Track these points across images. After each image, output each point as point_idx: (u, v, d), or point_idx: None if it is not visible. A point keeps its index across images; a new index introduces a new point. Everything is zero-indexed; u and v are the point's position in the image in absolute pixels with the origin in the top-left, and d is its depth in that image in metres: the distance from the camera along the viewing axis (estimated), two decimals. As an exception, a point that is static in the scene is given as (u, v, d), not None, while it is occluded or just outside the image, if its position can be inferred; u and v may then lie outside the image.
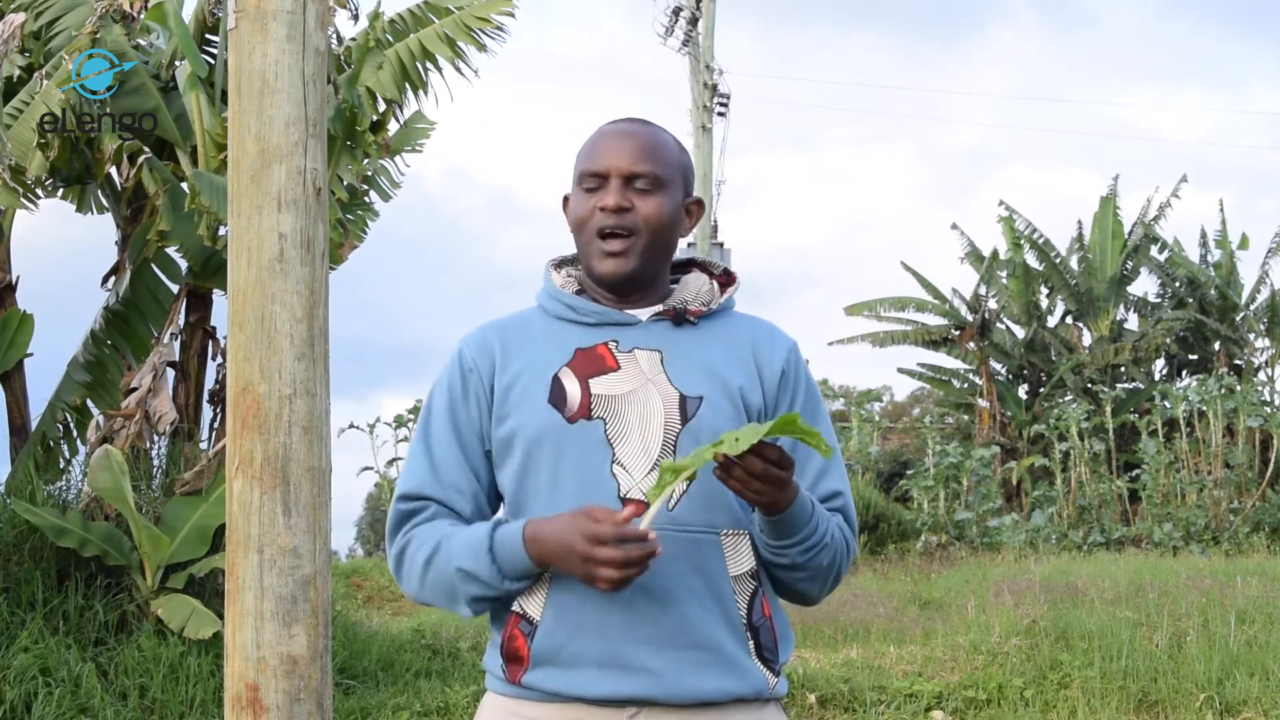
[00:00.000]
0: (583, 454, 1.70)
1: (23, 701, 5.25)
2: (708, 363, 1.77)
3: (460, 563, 1.69)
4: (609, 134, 1.81)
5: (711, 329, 1.81)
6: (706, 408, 1.72)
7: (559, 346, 1.77)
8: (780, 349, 1.83)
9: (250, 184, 2.00)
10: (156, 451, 6.80)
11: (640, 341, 1.77)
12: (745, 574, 1.72)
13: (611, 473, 1.69)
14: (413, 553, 1.76)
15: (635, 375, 1.74)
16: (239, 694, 1.97)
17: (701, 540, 1.69)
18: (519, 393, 1.75)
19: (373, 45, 6.65)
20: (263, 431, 1.97)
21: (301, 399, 2.00)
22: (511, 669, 1.71)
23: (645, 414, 1.71)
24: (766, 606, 1.75)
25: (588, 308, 1.79)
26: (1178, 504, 13.94)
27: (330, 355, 2.08)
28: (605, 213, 1.76)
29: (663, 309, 1.80)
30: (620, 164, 1.76)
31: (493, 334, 1.82)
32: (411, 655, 6.85)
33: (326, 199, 2.08)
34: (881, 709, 5.92)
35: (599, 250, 1.77)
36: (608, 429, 1.71)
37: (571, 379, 1.74)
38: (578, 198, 1.80)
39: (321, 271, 2.06)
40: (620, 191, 1.75)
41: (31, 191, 6.85)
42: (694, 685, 1.66)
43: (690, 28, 18.94)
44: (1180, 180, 21.49)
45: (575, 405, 1.72)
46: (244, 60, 2.04)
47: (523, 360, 1.77)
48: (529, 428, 1.72)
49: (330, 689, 2.04)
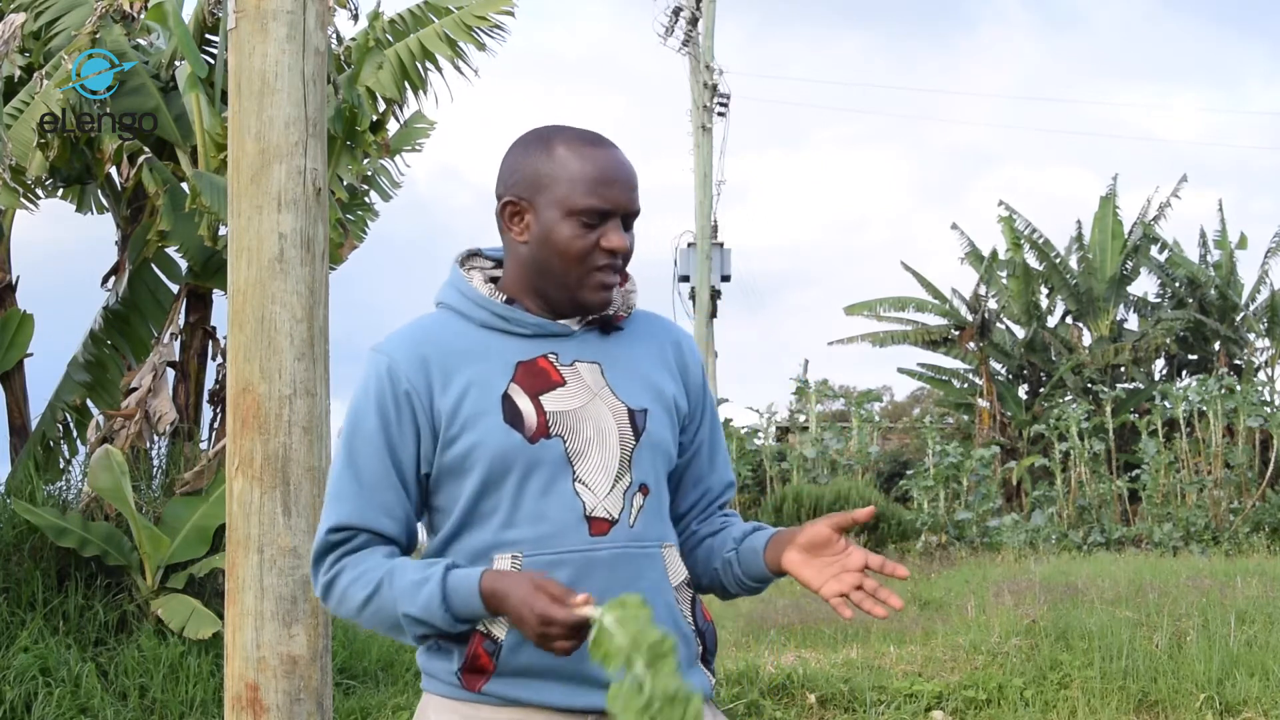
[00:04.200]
0: (545, 474, 1.69)
1: (23, 701, 5.25)
2: (643, 372, 1.79)
3: (408, 609, 1.65)
4: (607, 167, 1.72)
5: (632, 333, 1.83)
6: (652, 421, 1.76)
7: (498, 361, 1.73)
8: (694, 351, 1.89)
9: (250, 184, 2.00)
10: (156, 451, 6.80)
11: (579, 354, 1.76)
12: (683, 582, 1.78)
13: (575, 491, 1.69)
14: (345, 587, 1.70)
15: (581, 390, 1.73)
16: (239, 694, 1.97)
17: (653, 554, 1.74)
18: (469, 413, 1.70)
19: (373, 45, 6.65)
20: (263, 431, 1.97)
21: (301, 399, 2.00)
22: (470, 679, 1.69)
23: (601, 430, 1.72)
24: (707, 612, 1.81)
25: (524, 319, 1.75)
26: (1178, 504, 13.93)
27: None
28: (610, 254, 1.72)
29: (591, 318, 1.78)
30: (626, 205, 1.73)
31: (425, 348, 1.74)
32: (411, 655, 6.84)
33: (326, 199, 2.08)
34: (881, 709, 5.92)
35: (595, 282, 1.72)
36: (567, 447, 1.70)
37: (522, 396, 1.71)
38: (568, 227, 1.70)
39: (321, 271, 2.05)
40: (622, 233, 1.73)
41: (31, 191, 6.85)
42: None
43: (690, 28, 18.94)
44: (1180, 180, 21.52)
45: (533, 425, 1.69)
46: (244, 60, 2.04)
47: (464, 377, 1.72)
48: (489, 449, 1.68)
49: (330, 689, 2.04)
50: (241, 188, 2.03)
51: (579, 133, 1.76)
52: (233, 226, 2.03)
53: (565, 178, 1.71)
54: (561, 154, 1.73)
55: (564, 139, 1.74)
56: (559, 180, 1.72)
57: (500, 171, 1.80)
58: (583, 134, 1.76)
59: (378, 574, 1.68)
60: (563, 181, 1.71)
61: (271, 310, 1.99)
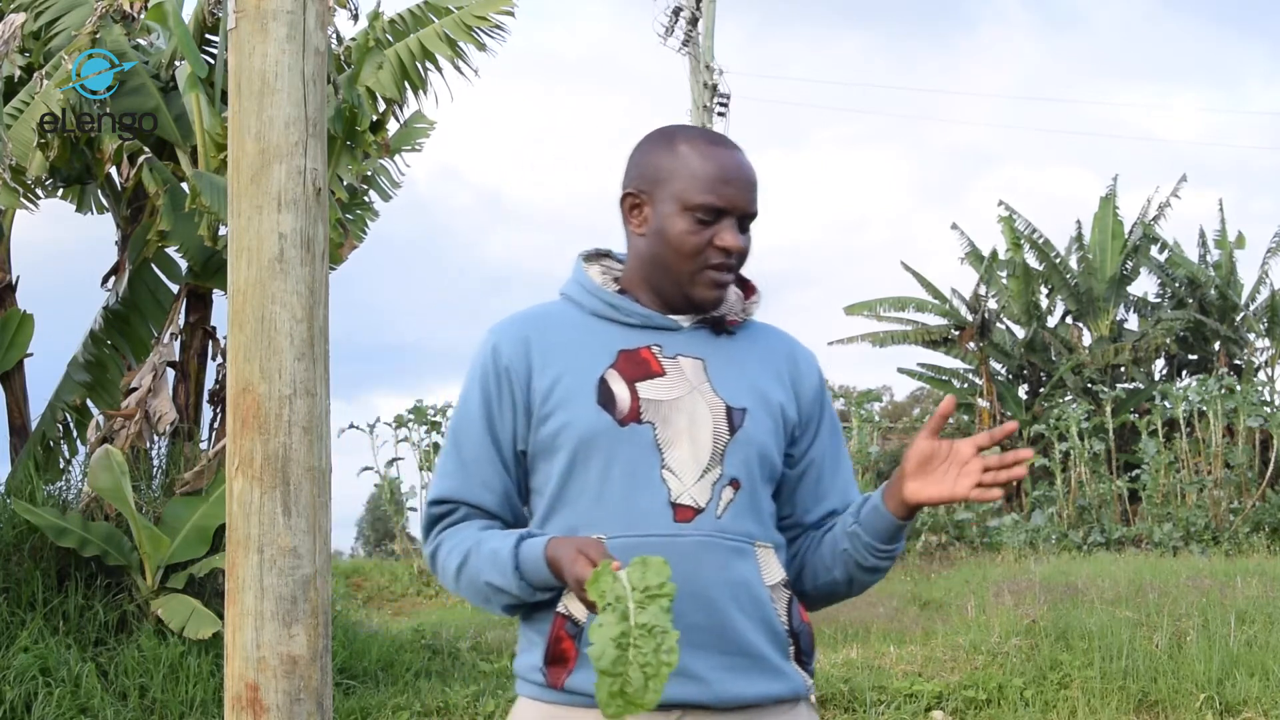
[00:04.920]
0: (633, 458, 1.71)
1: (23, 701, 5.25)
2: (749, 375, 1.79)
3: (489, 577, 1.71)
4: (729, 167, 1.76)
5: (746, 339, 1.84)
6: (751, 421, 1.75)
7: (601, 347, 1.76)
8: (814, 365, 1.88)
9: (250, 184, 2.00)
10: (156, 451, 6.81)
11: (683, 348, 1.78)
12: (779, 583, 1.76)
13: (662, 477, 1.70)
14: (444, 559, 1.78)
15: (681, 382, 1.75)
16: (239, 694, 1.97)
17: (742, 550, 1.72)
18: (563, 394, 1.74)
19: (373, 45, 6.65)
20: (263, 431, 1.97)
21: (301, 399, 2.00)
22: (554, 672, 1.69)
23: (694, 421, 1.73)
24: (804, 613, 1.79)
25: (632, 309, 1.79)
26: (1178, 504, 13.93)
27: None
28: (724, 251, 1.75)
29: (703, 317, 1.81)
30: (743, 205, 1.76)
31: (529, 330, 1.80)
32: (411, 655, 6.85)
33: (326, 199, 2.08)
34: (881, 709, 5.92)
35: (708, 279, 1.75)
36: (657, 434, 1.71)
37: (619, 381, 1.73)
38: (684, 222, 1.74)
39: (321, 271, 2.06)
40: (737, 233, 1.76)
41: (31, 191, 6.85)
42: (738, 690, 1.69)
43: (690, 28, 18.94)
44: (1180, 180, 21.50)
45: (625, 408, 1.72)
46: (244, 60, 2.04)
47: (564, 360, 1.76)
48: (578, 429, 1.72)
49: (330, 689, 2.04)
50: (241, 188, 2.03)
51: (703, 132, 1.82)
52: (232, 226, 2.03)
53: (685, 173, 1.75)
54: (683, 150, 1.77)
55: (687, 136, 1.79)
56: (678, 175, 1.76)
57: (626, 166, 1.85)
58: (707, 133, 1.82)
59: (467, 544, 1.74)
60: (682, 177, 1.75)
61: (271, 310, 1.99)
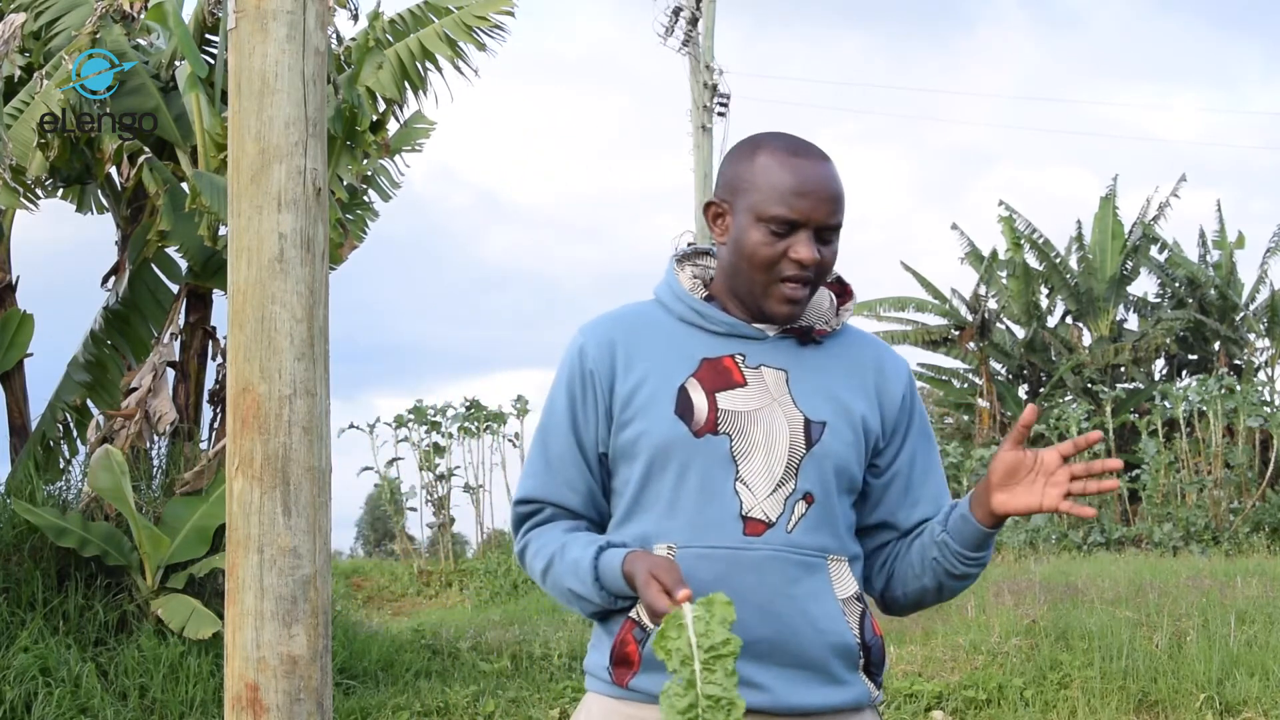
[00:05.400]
0: (707, 469, 1.70)
1: (23, 701, 5.25)
2: (831, 387, 1.77)
3: (571, 585, 1.73)
4: (808, 178, 1.73)
5: (833, 349, 1.82)
6: (829, 434, 1.74)
7: (685, 354, 1.76)
8: (901, 375, 1.85)
9: (250, 184, 2.00)
10: (156, 451, 6.81)
11: (767, 359, 1.77)
12: (852, 596, 1.75)
13: (734, 490, 1.70)
14: (530, 559, 1.81)
15: (761, 393, 1.74)
16: (239, 694, 1.97)
17: (813, 564, 1.72)
18: (644, 400, 1.74)
19: (373, 45, 6.65)
20: (263, 431, 1.97)
21: (301, 399, 2.00)
22: (619, 672, 1.72)
23: (771, 434, 1.72)
24: (876, 626, 1.78)
25: (717, 317, 1.78)
26: (1178, 504, 13.92)
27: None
28: (797, 265, 1.72)
29: (790, 326, 1.79)
30: (819, 218, 1.72)
31: (616, 332, 1.80)
32: (411, 655, 6.85)
33: (326, 199, 2.08)
34: (881, 709, 5.92)
35: (780, 294, 1.73)
36: (733, 446, 1.71)
37: (698, 391, 1.73)
38: (758, 232, 1.72)
39: (321, 271, 2.06)
40: (813, 245, 1.72)
41: (31, 191, 6.85)
42: (800, 699, 1.70)
43: (690, 28, 18.93)
44: (1180, 180, 21.50)
45: (702, 419, 1.71)
46: (244, 60, 2.04)
47: (646, 365, 1.76)
48: (654, 437, 1.72)
49: (330, 689, 2.04)
50: (241, 188, 2.03)
51: (788, 142, 1.78)
52: (232, 226, 2.03)
53: (762, 184, 1.74)
54: (763, 161, 1.75)
55: (770, 146, 1.76)
56: (756, 186, 1.74)
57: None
58: (792, 143, 1.78)
59: (552, 548, 1.77)
60: (759, 188, 1.74)
61: (271, 310, 1.99)
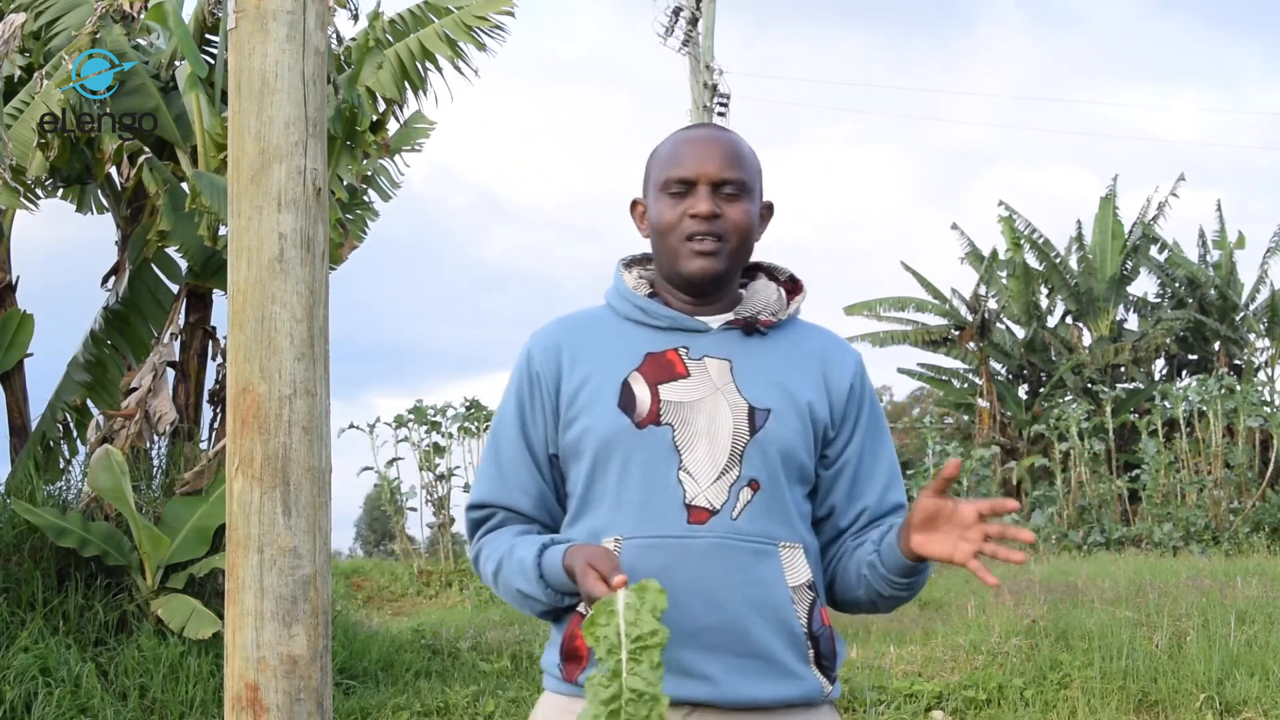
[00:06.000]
0: (650, 459, 1.72)
1: (23, 701, 5.25)
2: (777, 375, 1.78)
3: (519, 585, 1.74)
4: (694, 140, 1.81)
5: (780, 340, 1.83)
6: (774, 421, 1.74)
7: (628, 350, 1.79)
8: (849, 364, 1.85)
9: (250, 184, 2.00)
10: (156, 451, 6.80)
11: (710, 349, 1.78)
12: (803, 585, 1.74)
13: (678, 479, 1.71)
14: (483, 564, 1.83)
15: (705, 383, 1.75)
16: (239, 694, 1.97)
17: (762, 551, 1.71)
18: (588, 397, 1.76)
19: (373, 45, 6.65)
20: (263, 431, 1.97)
21: (301, 399, 2.00)
22: (569, 668, 1.73)
23: (714, 423, 1.73)
24: (825, 616, 1.77)
25: (660, 311, 1.80)
26: (1178, 504, 13.92)
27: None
28: (696, 219, 1.76)
29: (734, 318, 1.80)
30: (710, 171, 1.78)
31: (563, 335, 1.84)
32: (411, 655, 6.85)
33: (326, 199, 2.08)
34: (881, 709, 5.92)
35: (689, 250, 1.77)
36: (675, 435, 1.72)
37: (641, 384, 1.75)
38: (661, 203, 1.79)
39: (321, 271, 2.05)
40: (710, 198, 1.77)
41: (31, 191, 6.85)
42: (749, 692, 1.70)
43: (690, 28, 18.93)
44: (1178, 180, 21.51)
45: (644, 411, 1.73)
46: (244, 60, 2.04)
47: (591, 363, 1.79)
48: (597, 431, 1.74)
49: (330, 689, 2.04)
50: (241, 188, 2.03)
51: (688, 126, 1.88)
52: (233, 226, 2.03)
53: (659, 162, 1.83)
54: (661, 146, 1.85)
55: (670, 134, 1.86)
56: (655, 165, 1.84)
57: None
58: (690, 125, 1.87)
59: (501, 551, 1.79)
60: (657, 166, 1.83)
61: (271, 310, 1.99)
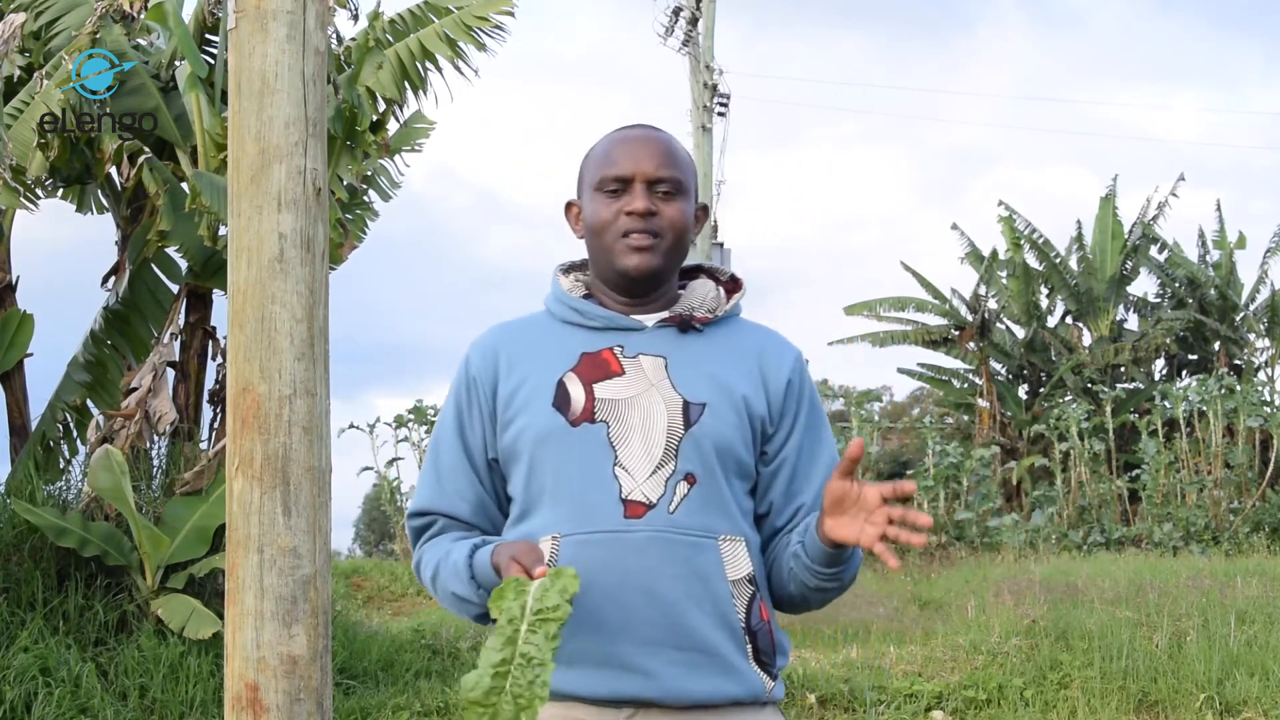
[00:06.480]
0: (585, 456, 1.72)
1: (23, 701, 5.25)
2: (712, 370, 1.78)
3: (454, 588, 1.75)
4: (628, 140, 1.82)
5: (717, 336, 1.82)
6: (709, 414, 1.74)
7: (564, 351, 1.79)
8: (786, 359, 1.84)
9: (250, 184, 2.00)
10: (156, 451, 6.81)
11: (645, 347, 1.78)
12: (743, 579, 1.73)
13: (613, 474, 1.71)
14: (424, 571, 1.83)
15: (639, 380, 1.76)
16: (239, 694, 1.97)
17: (700, 544, 1.71)
18: (523, 398, 1.77)
19: (373, 45, 6.65)
20: (263, 431, 1.97)
21: (301, 399, 2.00)
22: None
23: (648, 418, 1.73)
24: (765, 611, 1.76)
25: (594, 312, 1.81)
26: (1178, 504, 13.92)
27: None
28: (632, 217, 1.77)
29: (669, 315, 1.81)
30: (646, 169, 1.78)
31: (500, 340, 1.85)
32: (411, 655, 6.85)
33: (326, 199, 2.08)
34: (881, 709, 5.92)
35: (624, 247, 1.77)
36: (610, 432, 1.72)
37: (576, 383, 1.76)
38: (597, 202, 1.80)
39: (321, 271, 2.05)
40: (646, 196, 1.77)
41: (31, 191, 6.85)
42: (690, 687, 1.68)
43: (690, 28, 18.92)
44: (1178, 180, 21.51)
45: (579, 409, 1.74)
46: (244, 60, 2.04)
47: (527, 366, 1.80)
48: (533, 431, 1.75)
49: (330, 689, 2.04)
50: (241, 188, 2.03)
51: (622, 126, 1.87)
52: (233, 226, 2.03)
53: (593, 162, 1.84)
54: (595, 146, 1.86)
55: (604, 135, 1.86)
56: (589, 166, 1.84)
57: None
58: (624, 125, 1.87)
59: (438, 556, 1.79)
60: (591, 167, 1.84)
61: (271, 310, 1.99)
